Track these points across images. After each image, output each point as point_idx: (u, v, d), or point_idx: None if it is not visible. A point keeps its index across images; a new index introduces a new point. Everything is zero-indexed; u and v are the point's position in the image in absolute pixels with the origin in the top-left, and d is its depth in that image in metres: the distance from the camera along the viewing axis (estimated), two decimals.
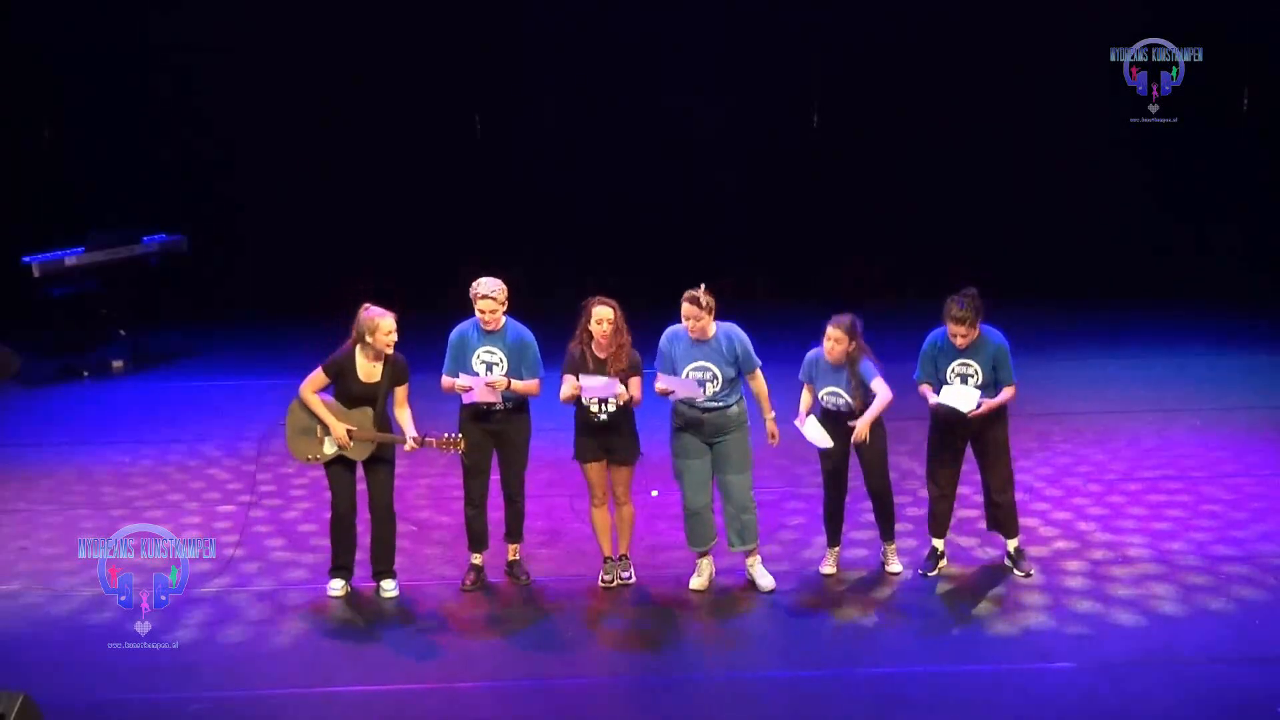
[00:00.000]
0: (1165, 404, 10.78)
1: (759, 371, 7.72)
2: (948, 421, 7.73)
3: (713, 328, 7.63)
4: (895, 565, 8.00)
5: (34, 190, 14.32)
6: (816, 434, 7.75)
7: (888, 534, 8.03)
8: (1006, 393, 7.71)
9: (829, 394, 7.72)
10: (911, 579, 7.91)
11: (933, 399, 7.74)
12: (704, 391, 7.58)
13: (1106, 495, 9.09)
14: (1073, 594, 7.67)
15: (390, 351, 7.64)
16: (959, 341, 7.66)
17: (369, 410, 7.66)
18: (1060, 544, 8.31)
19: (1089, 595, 7.65)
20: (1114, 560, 8.09)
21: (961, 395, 7.64)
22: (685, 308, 7.58)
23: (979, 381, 7.66)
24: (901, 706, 6.59)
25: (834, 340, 7.66)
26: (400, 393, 7.75)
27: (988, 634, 7.31)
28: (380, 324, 7.59)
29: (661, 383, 7.60)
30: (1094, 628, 7.28)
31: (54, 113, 14.60)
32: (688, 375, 7.60)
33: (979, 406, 7.61)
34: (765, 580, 7.84)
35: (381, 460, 7.78)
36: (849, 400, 7.70)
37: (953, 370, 7.71)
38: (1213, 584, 7.73)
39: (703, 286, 7.58)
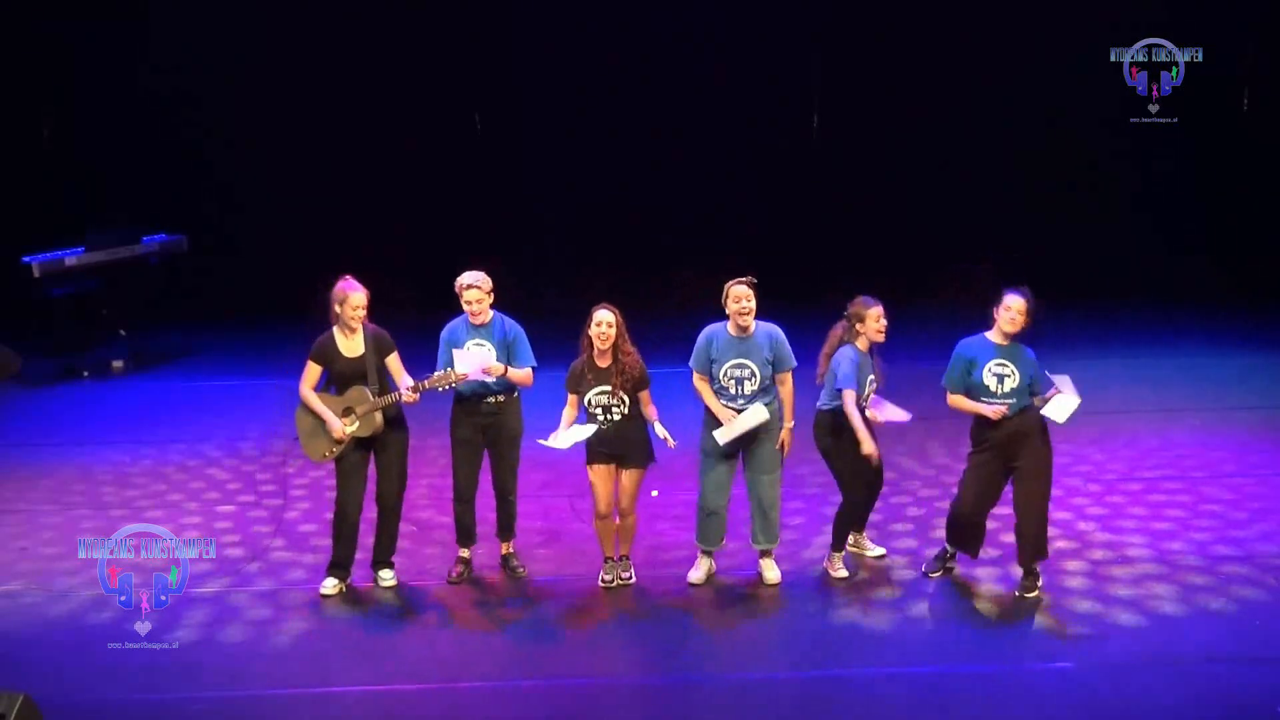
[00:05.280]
0: (1166, 404, 10.77)
1: (790, 375, 7.65)
2: (997, 444, 7.55)
3: (753, 325, 7.64)
4: (774, 575, 7.88)
5: (34, 190, 14.32)
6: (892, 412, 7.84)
7: (841, 543, 8.00)
8: None
9: (870, 384, 7.80)
10: (913, 579, 7.90)
11: (1042, 406, 7.48)
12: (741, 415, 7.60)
13: (1106, 495, 9.09)
14: (1073, 594, 7.67)
15: (356, 324, 7.60)
16: (1011, 326, 7.48)
17: (363, 387, 7.63)
18: (1060, 544, 8.30)
19: (1089, 595, 7.64)
20: (1114, 560, 8.09)
21: (1061, 405, 7.50)
22: (737, 290, 7.56)
23: (1014, 384, 7.50)
24: (902, 706, 6.59)
25: (880, 320, 7.75)
26: (394, 364, 7.70)
27: (988, 634, 7.31)
28: (350, 296, 7.58)
29: (721, 434, 7.58)
30: (1094, 628, 7.28)
31: (54, 112, 14.61)
32: (726, 372, 7.61)
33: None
34: (772, 574, 7.87)
35: (392, 449, 7.74)
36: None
37: (989, 370, 7.53)
38: (1213, 584, 7.72)
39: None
